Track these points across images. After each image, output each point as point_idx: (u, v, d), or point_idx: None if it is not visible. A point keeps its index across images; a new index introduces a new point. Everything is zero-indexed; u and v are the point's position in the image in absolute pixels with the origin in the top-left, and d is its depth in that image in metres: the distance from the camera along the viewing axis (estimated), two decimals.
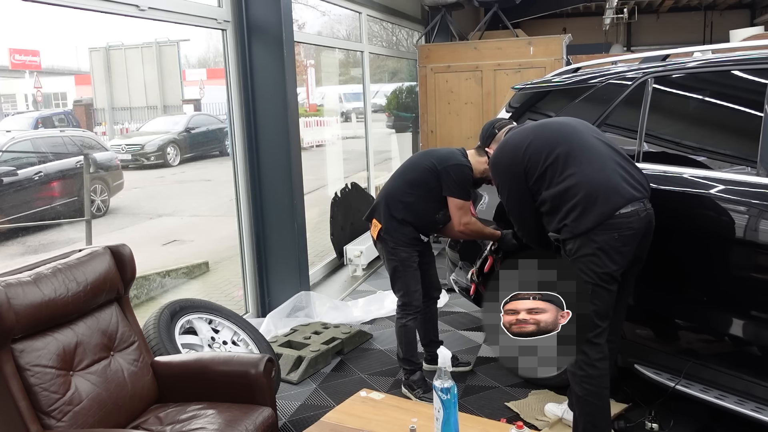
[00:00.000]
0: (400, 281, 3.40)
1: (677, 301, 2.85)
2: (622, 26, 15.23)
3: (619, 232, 2.47)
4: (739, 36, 7.84)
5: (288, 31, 4.46)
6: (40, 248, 5.73)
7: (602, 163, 2.57)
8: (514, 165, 2.68)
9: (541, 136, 2.70)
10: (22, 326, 2.14)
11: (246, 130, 4.51)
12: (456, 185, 3.26)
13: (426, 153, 3.49)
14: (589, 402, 2.53)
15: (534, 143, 2.66)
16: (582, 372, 2.51)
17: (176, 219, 7.86)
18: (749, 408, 2.53)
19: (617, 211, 2.47)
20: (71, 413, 2.20)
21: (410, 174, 3.39)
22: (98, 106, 8.19)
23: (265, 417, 2.43)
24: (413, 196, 3.33)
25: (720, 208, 2.64)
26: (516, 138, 2.77)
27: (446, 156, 3.32)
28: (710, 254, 2.70)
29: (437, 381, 2.04)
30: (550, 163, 2.58)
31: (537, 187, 2.63)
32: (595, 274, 2.48)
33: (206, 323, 3.35)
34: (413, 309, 3.41)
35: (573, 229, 2.51)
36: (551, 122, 2.88)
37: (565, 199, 2.53)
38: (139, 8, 3.53)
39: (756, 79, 2.71)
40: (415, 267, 3.41)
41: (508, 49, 6.72)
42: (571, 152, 2.58)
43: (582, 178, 2.52)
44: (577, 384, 2.55)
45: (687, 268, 2.79)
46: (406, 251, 3.37)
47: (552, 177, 2.57)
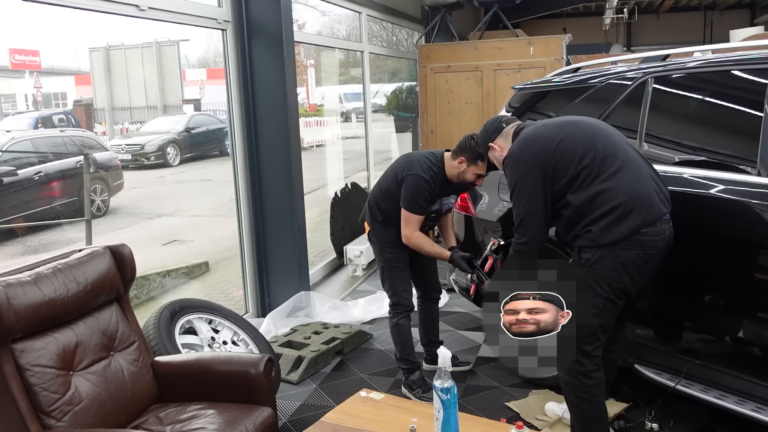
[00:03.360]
0: (387, 282, 3.44)
1: (677, 301, 2.85)
2: (622, 26, 15.22)
3: (643, 249, 2.39)
4: (739, 36, 7.84)
5: (288, 31, 4.46)
6: (40, 248, 5.73)
7: (639, 173, 2.46)
8: (542, 161, 2.49)
9: (573, 135, 2.53)
10: (22, 326, 2.14)
11: (246, 130, 4.51)
12: (405, 196, 3.20)
13: (402, 158, 3.40)
14: (584, 409, 2.52)
15: (566, 142, 2.49)
16: (577, 381, 2.49)
17: (176, 219, 7.86)
18: (749, 408, 2.53)
19: (648, 226, 2.38)
20: (71, 413, 2.20)
21: (384, 181, 3.38)
22: (98, 106, 8.20)
23: (265, 417, 2.43)
24: (386, 202, 3.34)
25: (720, 207, 2.64)
26: (543, 133, 2.59)
27: (410, 164, 3.24)
28: (710, 254, 2.70)
29: (437, 381, 2.04)
30: (584, 166, 2.43)
31: (562, 189, 2.47)
32: (610, 289, 2.41)
33: (206, 323, 3.35)
34: (403, 308, 3.42)
35: (598, 238, 2.39)
36: (580, 121, 2.67)
37: (594, 206, 2.40)
38: (139, 8, 3.53)
39: (756, 79, 2.71)
40: (402, 267, 3.41)
41: (508, 49, 6.71)
42: (608, 157, 2.44)
43: (618, 186, 2.40)
44: (572, 392, 2.52)
45: (687, 269, 2.79)
46: (391, 252, 3.38)
47: (584, 180, 2.43)
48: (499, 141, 2.81)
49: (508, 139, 2.76)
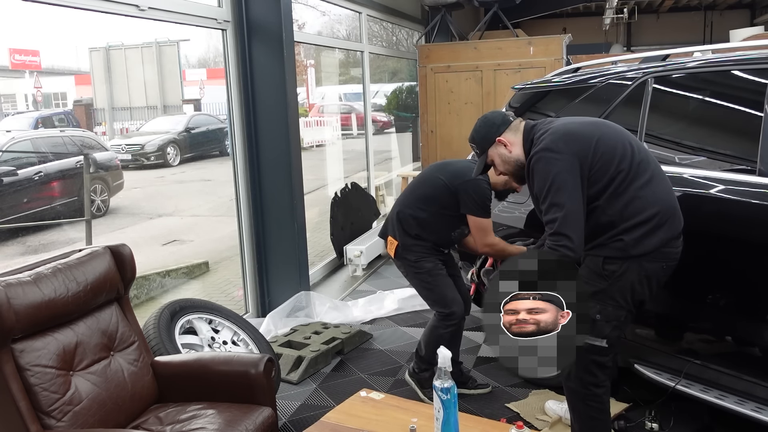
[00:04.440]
0: (433, 292, 3.20)
1: (677, 301, 2.85)
2: (622, 26, 15.22)
3: (666, 262, 2.33)
4: (739, 36, 7.84)
5: (288, 31, 4.46)
6: (40, 248, 5.74)
7: (667, 182, 2.37)
8: (581, 160, 2.28)
9: (609, 135, 2.35)
10: (22, 326, 2.14)
11: (246, 130, 4.51)
12: (475, 203, 3.04)
13: (440, 166, 3.24)
14: (592, 417, 2.46)
15: (604, 142, 2.31)
16: (588, 391, 2.43)
17: (176, 219, 7.86)
18: (749, 408, 2.52)
19: (675, 239, 2.32)
20: (71, 413, 2.20)
21: (422, 189, 3.19)
22: (98, 106, 8.20)
23: (265, 417, 2.43)
24: (425, 212, 3.15)
25: (719, 207, 2.64)
26: (579, 130, 2.37)
27: (461, 171, 3.07)
28: (710, 254, 2.70)
29: (437, 381, 2.04)
30: (622, 169, 2.27)
31: (597, 192, 2.30)
32: (632, 301, 2.35)
33: (206, 323, 3.35)
34: (456, 318, 3.18)
35: (630, 248, 2.27)
36: (607, 122, 2.51)
37: (627, 214, 2.27)
38: (139, 8, 3.53)
39: (756, 79, 2.71)
40: (445, 273, 3.21)
41: (508, 49, 6.72)
42: (641, 162, 2.31)
43: (654, 195, 2.29)
44: (581, 401, 2.46)
45: (687, 268, 2.78)
46: (430, 261, 3.18)
47: (619, 184, 2.28)
48: (507, 135, 2.52)
49: (519, 134, 2.51)
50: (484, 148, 2.59)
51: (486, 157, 2.61)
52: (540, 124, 2.48)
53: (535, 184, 2.35)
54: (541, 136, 2.39)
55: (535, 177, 2.34)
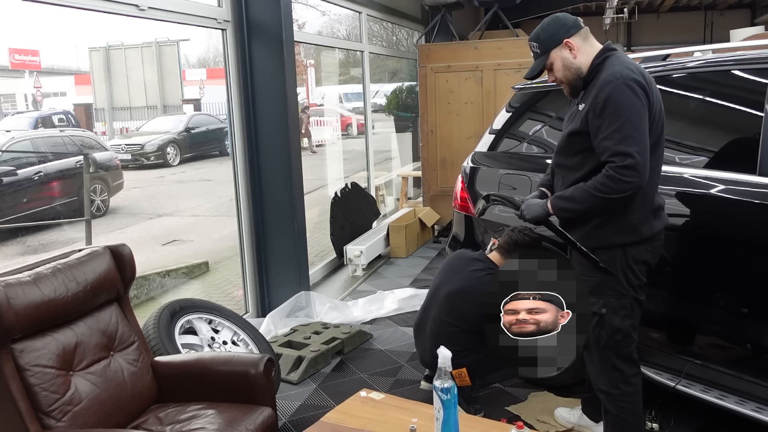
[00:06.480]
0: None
1: (677, 301, 2.84)
2: (623, 26, 15.21)
3: (651, 243, 2.38)
4: (739, 36, 7.83)
5: (288, 31, 4.46)
6: (40, 248, 5.74)
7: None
8: (649, 99, 2.22)
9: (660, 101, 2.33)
10: (22, 326, 2.14)
11: (246, 130, 4.51)
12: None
13: (454, 270, 3.19)
14: (624, 419, 2.44)
15: (659, 102, 2.30)
16: (617, 390, 2.42)
17: (176, 219, 7.86)
18: (750, 408, 2.52)
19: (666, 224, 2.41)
20: (71, 413, 2.20)
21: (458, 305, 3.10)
22: (98, 105, 8.20)
23: (265, 417, 2.43)
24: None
25: (719, 206, 2.64)
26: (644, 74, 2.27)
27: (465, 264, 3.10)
28: (710, 254, 2.69)
29: (437, 381, 2.04)
30: (663, 138, 2.31)
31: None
32: (638, 287, 2.39)
33: (206, 323, 3.35)
34: None
35: (644, 230, 2.32)
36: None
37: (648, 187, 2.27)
38: (139, 8, 3.53)
39: (756, 79, 2.70)
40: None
41: (508, 48, 6.71)
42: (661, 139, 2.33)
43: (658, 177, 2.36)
44: (612, 403, 2.44)
45: (687, 268, 2.78)
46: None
47: (659, 154, 2.33)
48: (576, 39, 2.32)
49: (588, 43, 2.34)
50: (548, 49, 2.36)
51: (546, 58, 2.38)
52: (620, 51, 2.35)
53: (607, 108, 2.17)
54: (626, 62, 2.24)
55: (610, 102, 2.17)
